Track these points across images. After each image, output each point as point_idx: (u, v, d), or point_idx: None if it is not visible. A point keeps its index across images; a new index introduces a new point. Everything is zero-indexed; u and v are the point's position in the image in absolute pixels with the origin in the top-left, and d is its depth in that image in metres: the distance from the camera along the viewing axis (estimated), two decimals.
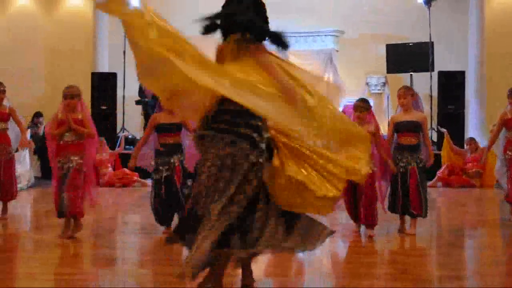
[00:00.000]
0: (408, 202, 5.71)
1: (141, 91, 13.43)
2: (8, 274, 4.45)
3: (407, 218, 5.91)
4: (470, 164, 10.82)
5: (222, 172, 3.34)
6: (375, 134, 5.56)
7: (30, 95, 14.13)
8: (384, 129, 13.21)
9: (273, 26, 3.58)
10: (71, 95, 5.63)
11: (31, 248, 5.28)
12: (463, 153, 11.05)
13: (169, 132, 5.90)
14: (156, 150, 5.97)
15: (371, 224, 5.66)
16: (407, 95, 5.86)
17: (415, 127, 5.81)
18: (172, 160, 5.84)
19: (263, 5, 3.61)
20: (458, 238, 6.12)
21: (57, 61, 14.40)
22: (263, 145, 3.38)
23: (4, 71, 14.13)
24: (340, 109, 13.37)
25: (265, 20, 3.60)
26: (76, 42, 14.35)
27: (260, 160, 3.36)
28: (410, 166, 5.73)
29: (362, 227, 5.81)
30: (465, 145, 11.20)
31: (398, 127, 5.88)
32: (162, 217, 5.87)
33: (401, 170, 5.75)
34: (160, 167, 5.85)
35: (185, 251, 5.06)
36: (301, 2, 14.20)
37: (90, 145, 5.75)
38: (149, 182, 10.49)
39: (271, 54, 3.57)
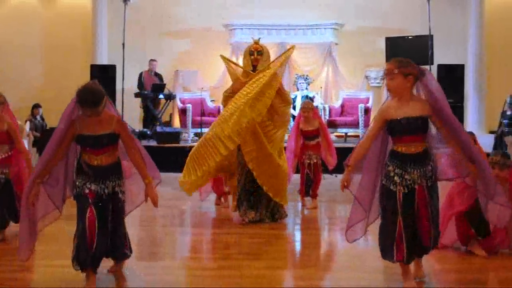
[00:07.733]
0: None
1: (140, 84, 13.41)
2: (6, 266, 4.47)
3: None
4: None
5: None
6: (321, 128, 7.16)
7: (29, 87, 14.11)
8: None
9: (274, 18, 3.59)
10: None
11: None
12: None
13: None
14: None
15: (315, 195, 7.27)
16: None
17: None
18: None
19: None
20: None
21: (56, 53, 14.35)
22: None
23: (3, 63, 14.15)
24: (340, 102, 13.42)
25: None
26: (75, 35, 14.31)
27: None
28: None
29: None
30: None
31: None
32: None
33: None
34: None
35: (181, 246, 5.07)
36: None
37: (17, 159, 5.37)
38: None
39: None
